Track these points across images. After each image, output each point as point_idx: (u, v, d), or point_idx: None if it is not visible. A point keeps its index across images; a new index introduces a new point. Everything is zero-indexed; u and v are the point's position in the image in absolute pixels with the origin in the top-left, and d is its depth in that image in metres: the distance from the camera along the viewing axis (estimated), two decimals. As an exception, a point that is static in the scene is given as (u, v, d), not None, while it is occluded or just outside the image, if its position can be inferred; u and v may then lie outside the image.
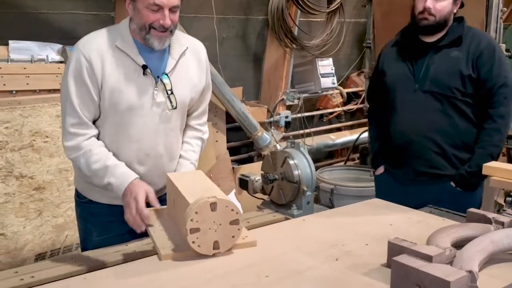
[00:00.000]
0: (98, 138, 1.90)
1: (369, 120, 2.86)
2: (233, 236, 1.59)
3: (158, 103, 1.84)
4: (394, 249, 1.41)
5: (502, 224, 1.62)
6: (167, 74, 1.84)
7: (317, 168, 4.70)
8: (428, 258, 1.32)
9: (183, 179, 1.83)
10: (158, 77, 1.83)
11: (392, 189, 2.56)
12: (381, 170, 2.68)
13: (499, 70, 2.36)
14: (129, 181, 1.79)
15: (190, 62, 1.93)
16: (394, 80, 2.53)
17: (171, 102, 1.85)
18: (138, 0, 1.73)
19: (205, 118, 2.13)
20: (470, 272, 1.26)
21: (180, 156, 2.03)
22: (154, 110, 1.84)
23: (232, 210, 1.56)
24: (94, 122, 1.88)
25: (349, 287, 1.39)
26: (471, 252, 1.42)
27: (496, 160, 2.37)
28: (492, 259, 1.48)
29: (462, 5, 2.45)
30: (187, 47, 1.92)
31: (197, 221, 1.52)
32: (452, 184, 2.44)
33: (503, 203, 2.20)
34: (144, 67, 1.79)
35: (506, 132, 2.43)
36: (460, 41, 2.39)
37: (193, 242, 1.54)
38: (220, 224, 1.56)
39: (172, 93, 1.85)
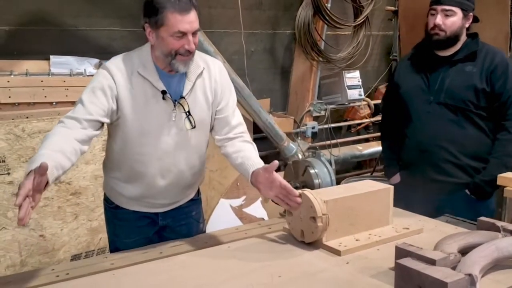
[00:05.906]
0: (110, 150, 1.99)
1: (381, 131, 2.91)
2: (312, 232, 1.75)
3: (177, 124, 1.91)
4: (401, 253, 1.46)
5: (510, 232, 1.66)
6: (184, 97, 1.90)
7: (344, 178, 4.74)
8: (432, 262, 1.38)
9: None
10: (175, 100, 1.89)
11: (408, 198, 2.61)
12: (397, 179, 2.72)
13: None
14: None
15: (206, 82, 1.97)
16: (409, 92, 2.59)
17: (190, 122, 1.92)
18: (162, 30, 1.77)
19: (241, 128, 2.05)
20: (470, 275, 1.32)
21: (244, 158, 1.97)
22: (174, 131, 1.91)
23: (311, 207, 1.73)
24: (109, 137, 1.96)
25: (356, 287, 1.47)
26: (474, 257, 1.46)
27: (511, 170, 2.41)
28: (499, 266, 1.53)
29: (476, 20, 2.49)
30: (203, 68, 1.96)
31: None
32: (467, 192, 2.48)
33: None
34: (164, 92, 1.86)
35: None
36: (474, 56, 2.44)
37: (289, 224, 1.87)
38: (303, 216, 1.77)
39: (190, 114, 1.91)
